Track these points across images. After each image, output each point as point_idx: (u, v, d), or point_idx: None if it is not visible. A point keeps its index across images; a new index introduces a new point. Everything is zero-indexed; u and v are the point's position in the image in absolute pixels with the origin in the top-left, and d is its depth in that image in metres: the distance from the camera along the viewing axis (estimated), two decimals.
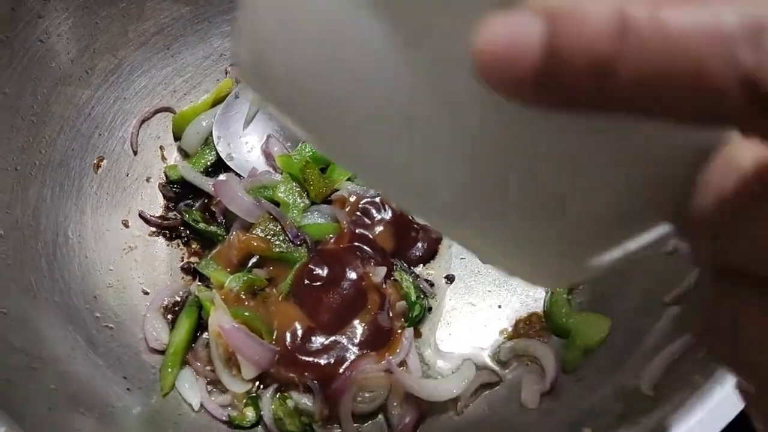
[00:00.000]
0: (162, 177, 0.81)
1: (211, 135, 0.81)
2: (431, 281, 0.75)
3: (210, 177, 0.79)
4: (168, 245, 0.78)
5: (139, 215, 0.78)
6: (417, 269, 0.76)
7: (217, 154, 0.80)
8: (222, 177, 0.76)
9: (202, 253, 0.77)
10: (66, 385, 0.59)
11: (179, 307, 0.73)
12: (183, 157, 0.83)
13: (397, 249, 0.75)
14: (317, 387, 0.67)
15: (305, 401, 0.67)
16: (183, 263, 0.77)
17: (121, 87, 0.78)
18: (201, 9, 0.81)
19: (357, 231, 0.74)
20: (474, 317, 0.73)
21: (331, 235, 0.74)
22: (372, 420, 0.68)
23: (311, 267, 0.71)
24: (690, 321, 0.57)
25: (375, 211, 0.75)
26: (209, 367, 0.69)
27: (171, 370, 0.68)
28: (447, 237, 0.30)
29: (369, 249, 0.73)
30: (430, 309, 0.74)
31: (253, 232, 0.72)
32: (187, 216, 0.77)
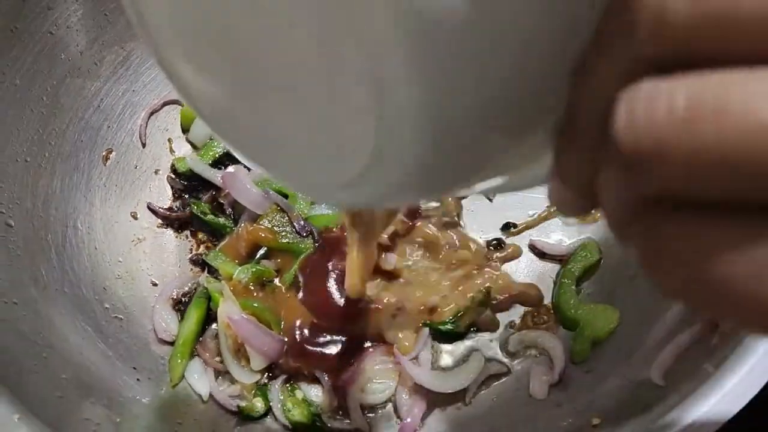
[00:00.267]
0: (170, 169, 0.81)
1: None
2: None
3: (218, 169, 0.79)
4: (176, 237, 0.78)
5: (148, 207, 0.79)
6: None
7: (225, 146, 0.80)
8: (230, 169, 0.76)
9: (210, 245, 0.78)
10: (76, 375, 0.59)
11: (188, 299, 0.73)
12: (191, 149, 0.83)
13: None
14: (326, 378, 0.67)
15: (314, 392, 0.68)
16: (192, 255, 0.77)
17: (130, 79, 0.78)
18: None
19: None
20: None
21: (338, 226, 0.74)
22: (381, 410, 0.68)
23: (316, 257, 0.71)
24: (699, 311, 0.56)
25: None
26: (218, 358, 0.69)
27: (180, 360, 0.69)
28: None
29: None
30: None
31: (261, 223, 0.73)
32: (196, 208, 0.77)
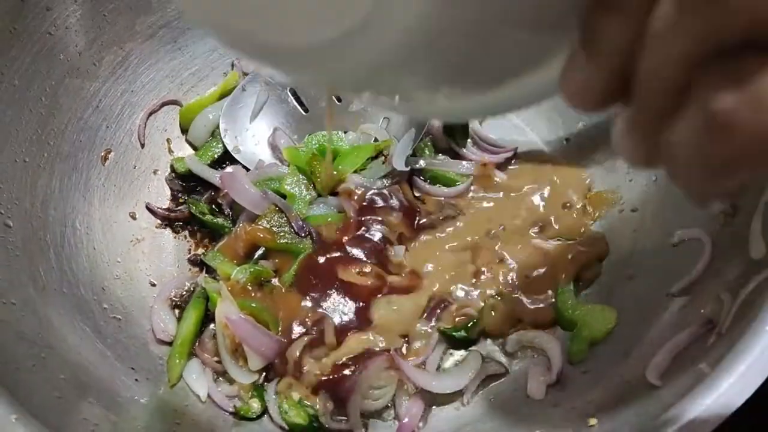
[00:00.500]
0: (169, 169, 0.81)
1: (218, 127, 0.81)
2: None
3: (217, 169, 0.79)
4: (175, 237, 0.79)
5: (147, 207, 0.79)
6: None
7: (224, 146, 0.81)
8: (229, 169, 0.76)
9: (209, 245, 0.78)
10: (75, 375, 0.59)
11: (186, 299, 0.73)
12: (190, 150, 0.83)
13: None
14: (324, 392, 0.67)
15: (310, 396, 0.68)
16: (190, 255, 0.77)
17: (129, 80, 0.78)
18: None
19: (364, 219, 0.74)
20: None
21: (337, 226, 0.74)
22: (379, 411, 0.68)
23: (317, 261, 0.71)
24: (696, 312, 0.57)
25: (382, 202, 0.75)
26: (216, 358, 0.69)
27: (178, 361, 0.69)
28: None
29: (383, 228, 0.74)
30: None
31: (259, 223, 0.73)
32: (194, 208, 0.77)
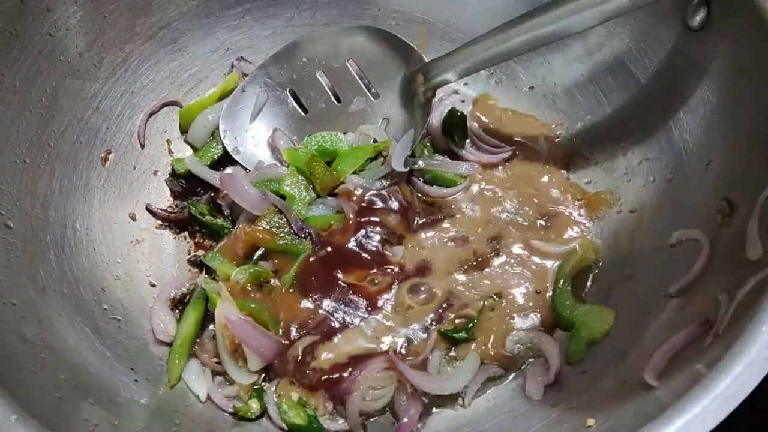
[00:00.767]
0: (169, 170, 0.82)
1: (218, 129, 0.82)
2: None
3: (217, 170, 0.79)
4: (175, 238, 0.79)
5: (146, 208, 0.79)
6: None
7: (224, 147, 0.81)
8: (228, 170, 0.77)
9: (208, 246, 0.78)
10: (75, 376, 0.60)
11: (186, 300, 0.73)
12: (190, 151, 0.83)
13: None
14: (324, 392, 0.67)
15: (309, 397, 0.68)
16: (190, 256, 0.78)
17: (129, 81, 0.78)
18: (208, 3, 0.81)
19: (363, 220, 0.74)
20: None
21: (336, 226, 0.74)
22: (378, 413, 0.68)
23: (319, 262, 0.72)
24: (694, 312, 0.57)
25: (381, 203, 0.75)
26: (216, 359, 0.70)
27: (178, 361, 0.69)
28: None
29: (382, 230, 0.74)
30: None
31: (259, 224, 0.73)
32: (194, 209, 0.77)
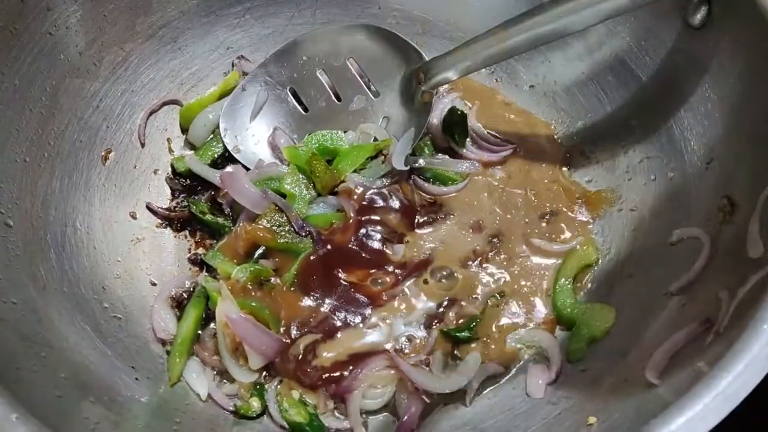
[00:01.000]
0: (169, 169, 0.82)
1: (218, 127, 0.81)
2: None
3: (217, 169, 0.79)
4: (175, 237, 0.79)
5: (147, 207, 0.79)
6: None
7: (224, 146, 0.81)
8: (229, 169, 0.77)
9: (209, 245, 0.78)
10: (75, 374, 0.59)
11: (186, 298, 0.73)
12: (190, 150, 0.83)
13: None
14: (325, 392, 0.67)
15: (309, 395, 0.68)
16: (190, 254, 0.78)
17: (129, 79, 0.78)
18: (208, 2, 0.81)
19: (363, 218, 0.74)
20: None
21: (336, 225, 0.74)
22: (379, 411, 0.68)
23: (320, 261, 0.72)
24: (695, 310, 0.57)
25: (381, 201, 0.75)
26: (216, 357, 0.70)
27: (179, 360, 0.69)
28: None
29: (383, 228, 0.74)
30: None
31: (259, 223, 0.73)
32: (194, 207, 0.77)
